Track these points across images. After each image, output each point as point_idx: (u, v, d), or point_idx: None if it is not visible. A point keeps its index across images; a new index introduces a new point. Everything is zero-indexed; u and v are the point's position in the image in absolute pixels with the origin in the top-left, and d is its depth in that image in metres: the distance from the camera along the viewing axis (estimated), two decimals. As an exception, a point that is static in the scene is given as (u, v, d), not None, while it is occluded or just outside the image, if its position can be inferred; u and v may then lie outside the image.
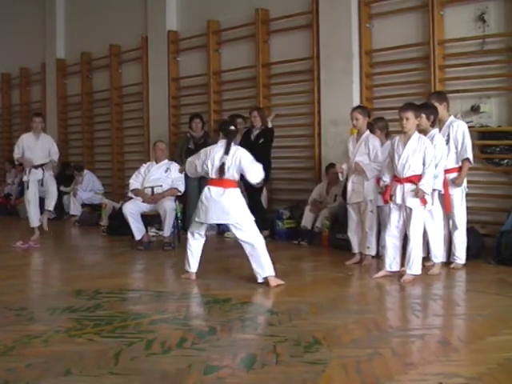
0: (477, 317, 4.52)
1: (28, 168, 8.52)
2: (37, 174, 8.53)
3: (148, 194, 8.01)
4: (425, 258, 6.07)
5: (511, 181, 7.35)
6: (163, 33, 10.89)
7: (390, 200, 5.83)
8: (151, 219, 8.50)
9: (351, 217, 6.68)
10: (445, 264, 6.25)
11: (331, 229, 7.77)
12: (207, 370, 3.37)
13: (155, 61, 11.12)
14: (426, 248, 6.17)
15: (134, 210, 7.85)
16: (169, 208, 7.81)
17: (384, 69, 8.36)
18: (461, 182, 6.21)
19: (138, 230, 7.87)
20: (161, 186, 8.04)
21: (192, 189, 9.09)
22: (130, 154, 12.04)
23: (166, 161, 8.34)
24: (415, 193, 5.67)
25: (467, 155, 6.18)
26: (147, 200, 7.92)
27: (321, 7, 8.68)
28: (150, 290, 5.59)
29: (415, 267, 5.70)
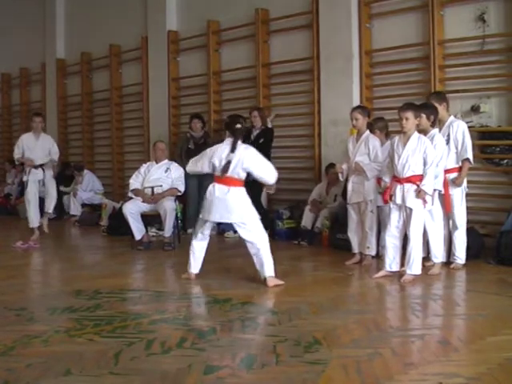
0: (477, 317, 4.52)
1: (28, 168, 8.52)
2: (37, 174, 8.52)
3: (148, 194, 8.01)
4: (425, 258, 6.07)
5: (511, 181, 7.35)
6: (163, 33, 10.89)
7: (390, 200, 5.82)
8: (151, 219, 8.51)
9: (351, 217, 6.68)
10: (445, 264, 6.25)
11: (331, 229, 7.77)
12: (207, 370, 3.37)
13: (155, 61, 11.13)
14: (426, 248, 6.17)
15: (134, 210, 7.85)
16: (169, 208, 7.81)
17: (384, 69, 8.36)
18: (461, 182, 6.21)
19: (138, 230, 7.87)
20: (161, 186, 8.04)
21: (192, 189, 9.12)
22: (130, 154, 12.04)
23: (166, 161, 8.35)
24: (416, 193, 5.67)
25: (467, 155, 6.18)
26: (147, 200, 7.92)
27: (321, 7, 8.69)
28: (150, 290, 5.59)
29: (415, 267, 5.70)
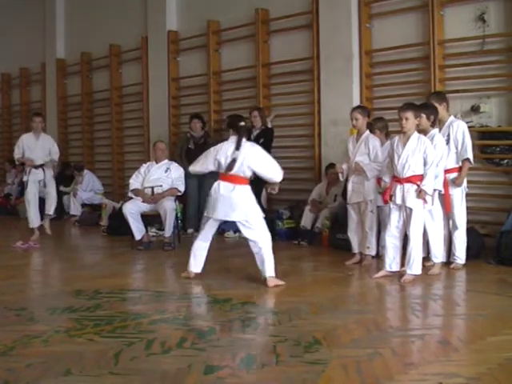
0: (477, 317, 4.52)
1: (28, 168, 8.52)
2: (37, 175, 8.53)
3: (148, 194, 8.01)
4: (425, 258, 6.06)
5: (511, 181, 7.35)
6: (163, 33, 10.89)
7: (390, 200, 5.82)
8: (151, 219, 8.51)
9: (351, 217, 6.68)
10: (445, 264, 6.25)
11: (331, 229, 7.77)
12: (207, 370, 3.37)
13: (155, 61, 11.12)
14: (426, 248, 6.17)
15: (134, 210, 7.85)
16: (169, 208, 7.81)
17: (384, 69, 8.36)
18: (461, 182, 6.21)
19: (138, 230, 7.87)
20: (161, 186, 8.04)
21: (192, 189, 9.13)
22: (130, 154, 12.04)
23: (166, 161, 8.35)
24: (417, 193, 5.67)
25: (467, 155, 6.18)
26: (147, 200, 7.92)
27: (321, 7, 8.68)
28: (150, 290, 5.59)
29: (415, 267, 5.70)
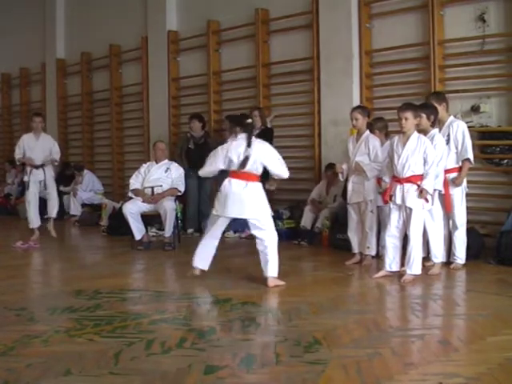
0: (477, 317, 4.51)
1: (29, 168, 8.52)
2: (38, 175, 8.53)
3: (148, 194, 8.01)
4: (425, 258, 6.07)
5: (511, 181, 7.35)
6: (163, 33, 10.89)
7: (390, 200, 5.82)
8: (151, 219, 8.52)
9: (351, 217, 6.68)
10: (445, 264, 6.25)
11: (331, 229, 7.77)
12: (207, 370, 3.37)
13: (155, 61, 11.12)
14: (426, 248, 6.17)
15: (134, 210, 7.85)
16: (169, 208, 7.81)
17: (384, 69, 8.36)
18: (460, 182, 6.21)
19: (138, 230, 7.87)
20: (161, 186, 8.05)
21: (192, 189, 9.13)
22: (130, 154, 12.04)
23: (166, 161, 8.35)
24: (418, 193, 5.67)
25: (467, 155, 6.18)
26: (147, 200, 7.92)
27: (321, 7, 8.68)
28: (150, 290, 5.59)
29: (415, 267, 5.70)
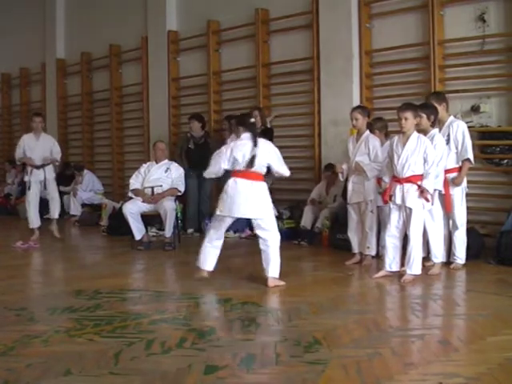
0: (477, 317, 4.51)
1: (30, 168, 8.53)
2: (38, 175, 8.54)
3: (148, 194, 8.01)
4: (425, 258, 6.06)
5: (511, 181, 7.35)
6: (163, 33, 10.89)
7: (390, 200, 5.82)
8: (151, 219, 8.51)
9: (351, 217, 6.68)
10: (445, 264, 6.25)
11: (331, 229, 7.77)
12: (207, 370, 3.37)
13: (155, 61, 11.12)
14: (426, 248, 6.17)
15: (134, 210, 7.85)
16: (169, 208, 7.81)
17: (384, 69, 8.36)
18: (460, 182, 6.20)
19: (138, 230, 7.87)
20: (161, 186, 8.04)
21: (192, 189, 9.13)
22: (130, 154, 12.05)
23: (166, 161, 8.35)
24: (419, 193, 5.66)
25: (468, 155, 6.17)
26: (147, 200, 7.92)
27: (321, 7, 8.68)
28: (150, 290, 5.59)
29: (415, 267, 5.70)
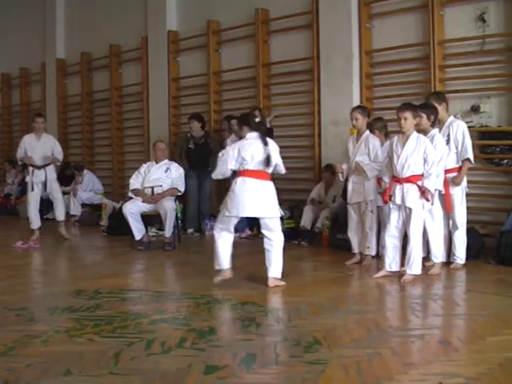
0: (477, 317, 4.51)
1: (31, 168, 8.53)
2: (40, 176, 8.55)
3: (148, 194, 8.01)
4: (425, 258, 6.07)
5: (511, 181, 7.35)
6: (163, 33, 10.89)
7: (390, 200, 5.82)
8: (151, 219, 8.51)
9: (351, 217, 6.68)
10: (445, 264, 6.25)
11: (331, 229, 7.77)
12: (207, 370, 3.37)
13: (155, 61, 11.12)
14: (426, 248, 6.17)
15: (134, 210, 7.85)
16: (169, 208, 7.80)
17: (384, 69, 8.36)
18: (460, 181, 6.20)
19: (138, 230, 7.87)
20: (161, 186, 8.04)
21: (192, 189, 9.13)
22: (130, 154, 12.04)
23: (166, 161, 8.35)
24: (420, 193, 5.66)
25: (468, 155, 6.18)
26: (147, 200, 7.92)
27: (321, 7, 8.68)
28: (150, 290, 5.59)
29: (415, 267, 5.70)
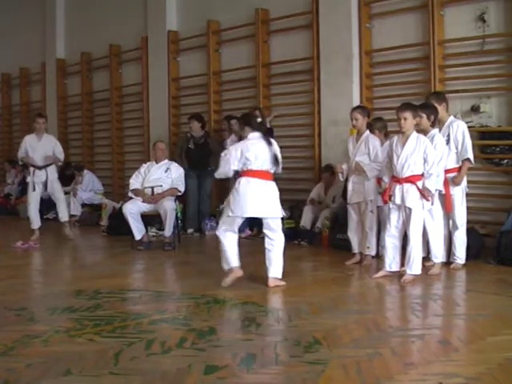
0: (477, 317, 4.51)
1: (32, 169, 8.53)
2: (41, 176, 8.55)
3: (148, 194, 8.01)
4: (425, 258, 6.07)
5: (511, 181, 7.35)
6: (163, 33, 10.89)
7: (389, 200, 5.82)
8: (151, 219, 8.51)
9: (351, 217, 6.68)
10: (445, 264, 6.25)
11: (331, 229, 7.77)
12: (207, 370, 3.37)
13: (155, 61, 11.12)
14: (426, 248, 6.17)
15: (134, 210, 7.85)
16: (169, 208, 7.80)
17: (384, 69, 8.36)
18: (460, 181, 6.20)
19: (138, 230, 7.87)
20: (161, 186, 8.05)
21: (192, 189, 9.14)
22: (130, 154, 12.04)
23: (166, 161, 8.35)
24: (421, 194, 5.66)
25: (468, 155, 6.18)
26: (147, 200, 7.92)
27: (321, 7, 8.68)
28: (150, 290, 5.59)
29: (415, 267, 5.70)
